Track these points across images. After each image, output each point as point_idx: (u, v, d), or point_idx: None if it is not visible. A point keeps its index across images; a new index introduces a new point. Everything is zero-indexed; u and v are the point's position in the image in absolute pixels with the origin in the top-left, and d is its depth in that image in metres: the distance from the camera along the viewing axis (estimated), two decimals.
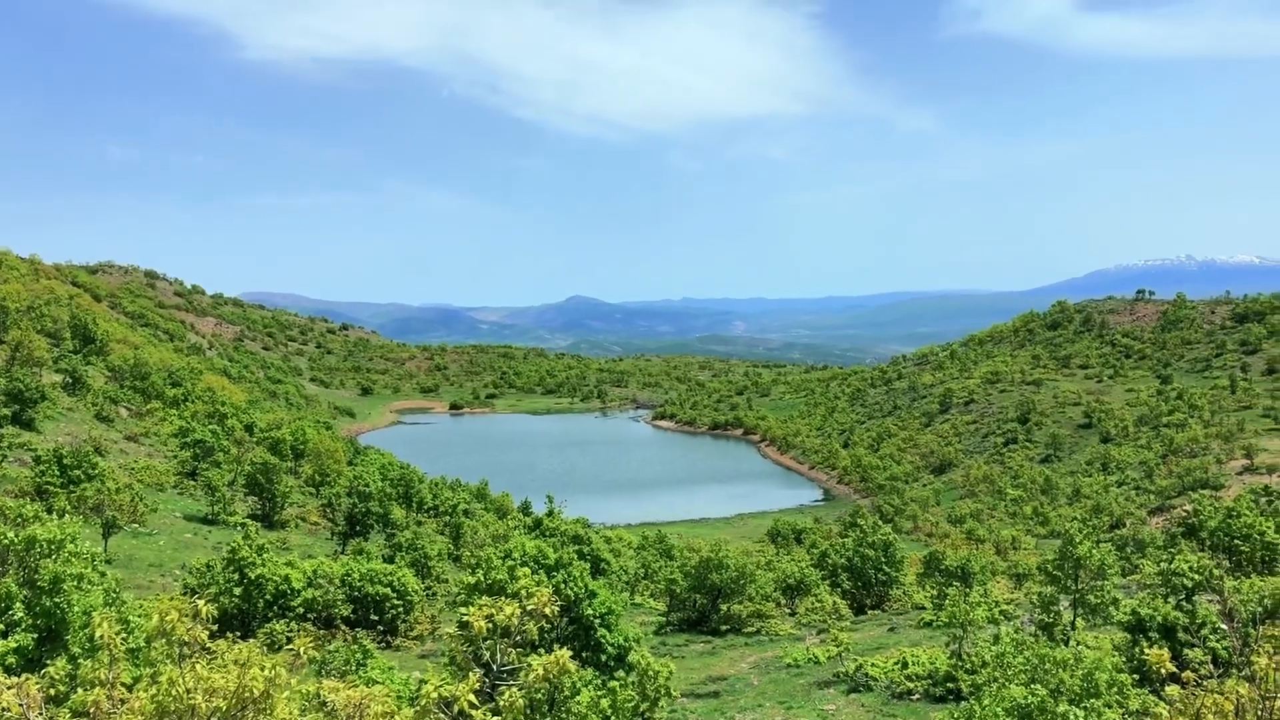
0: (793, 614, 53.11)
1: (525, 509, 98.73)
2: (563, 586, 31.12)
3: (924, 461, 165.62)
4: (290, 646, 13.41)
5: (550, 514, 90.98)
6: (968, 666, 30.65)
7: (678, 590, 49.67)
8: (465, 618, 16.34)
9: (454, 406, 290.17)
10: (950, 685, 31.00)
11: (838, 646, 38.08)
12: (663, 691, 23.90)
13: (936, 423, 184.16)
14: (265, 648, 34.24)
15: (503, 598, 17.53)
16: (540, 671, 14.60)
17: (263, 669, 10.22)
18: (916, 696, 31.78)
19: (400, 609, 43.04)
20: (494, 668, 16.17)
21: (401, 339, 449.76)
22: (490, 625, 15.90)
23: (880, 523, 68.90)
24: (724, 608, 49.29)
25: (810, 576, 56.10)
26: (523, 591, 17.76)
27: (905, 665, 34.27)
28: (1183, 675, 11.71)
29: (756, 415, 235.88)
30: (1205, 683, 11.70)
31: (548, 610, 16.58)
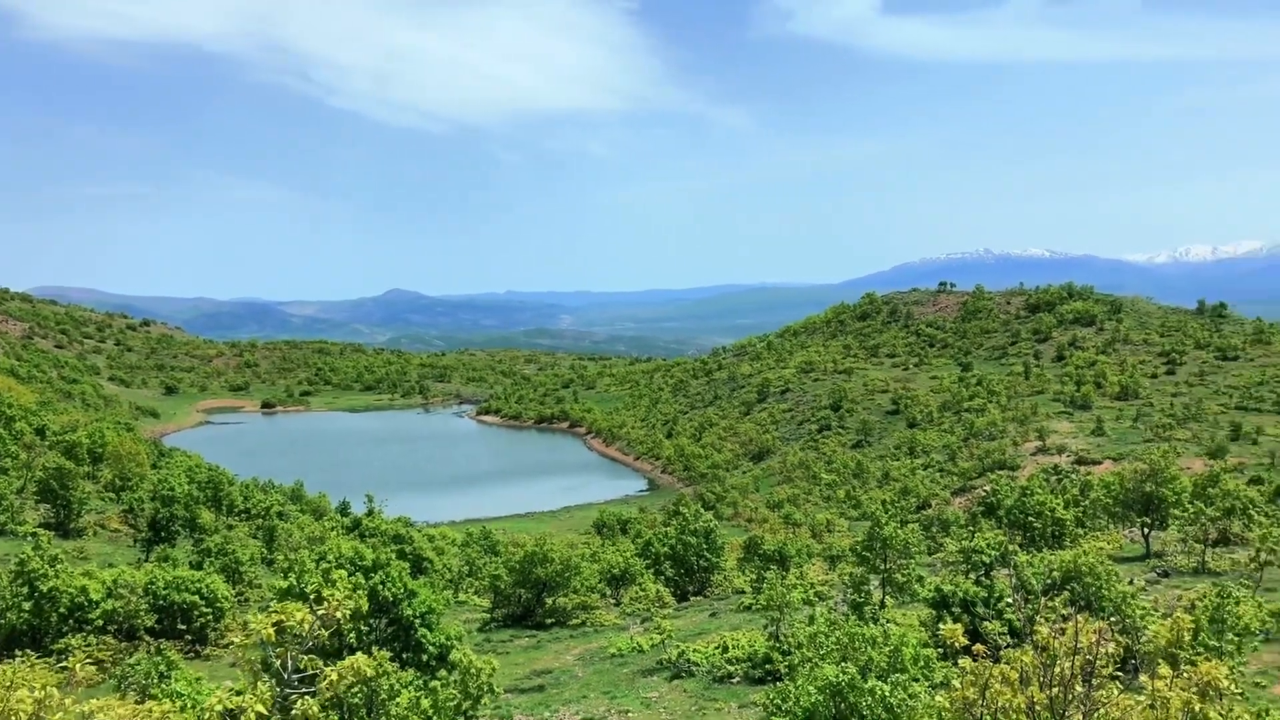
0: (618, 604, 53.50)
1: (344, 510, 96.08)
2: (381, 588, 30.38)
3: (744, 449, 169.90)
4: (66, 664, 12.50)
5: (370, 514, 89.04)
6: (784, 648, 31.53)
7: (502, 586, 49.32)
8: (251, 625, 15.65)
9: (266, 405, 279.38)
10: (768, 667, 31.84)
11: (661, 634, 38.61)
12: (485, 688, 23.63)
13: (755, 411, 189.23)
14: (61, 665, 32.08)
15: (291, 602, 16.90)
16: (335, 677, 14.09)
17: (32, 690, 9.44)
18: (736, 679, 32.51)
19: (210, 617, 41.09)
20: (285, 676, 15.46)
21: (209, 335, 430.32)
22: (279, 632, 15.24)
23: (702, 510, 70.18)
24: (549, 601, 49.24)
25: (635, 566, 56.65)
26: (314, 595, 17.16)
27: (726, 649, 35.00)
28: (974, 648, 12.29)
29: (582, 408, 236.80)
30: (1002, 653, 12.32)
31: (339, 614, 16.02)
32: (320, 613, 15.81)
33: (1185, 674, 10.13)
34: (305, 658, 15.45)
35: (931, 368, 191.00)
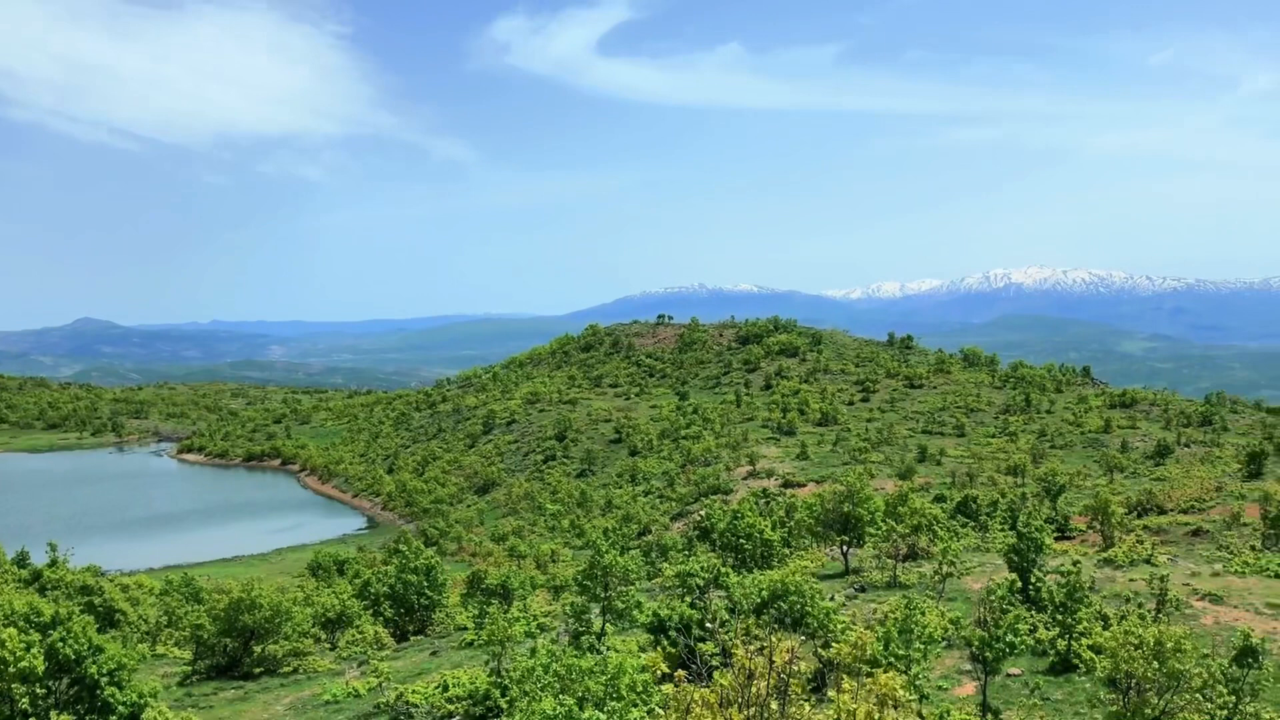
0: (333, 648, 51.35)
1: (21, 560, 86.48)
2: (61, 645, 27.65)
3: (468, 482, 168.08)
4: None
5: (53, 564, 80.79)
6: (505, 683, 31.19)
7: (205, 635, 46.07)
8: None
9: None
10: (489, 704, 31.39)
11: (378, 677, 37.27)
12: None
13: (480, 443, 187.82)
14: None
15: None
16: None
17: None
18: (457, 718, 31.85)
19: None
20: None
21: None
22: None
23: (423, 547, 68.66)
24: (258, 649, 46.48)
25: (352, 608, 54.58)
26: None
27: (446, 688, 34.25)
28: (676, 674, 12.55)
29: (296, 444, 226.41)
30: (719, 671, 12.62)
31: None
32: None
33: (866, 686, 10.80)
34: None
35: (651, 397, 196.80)
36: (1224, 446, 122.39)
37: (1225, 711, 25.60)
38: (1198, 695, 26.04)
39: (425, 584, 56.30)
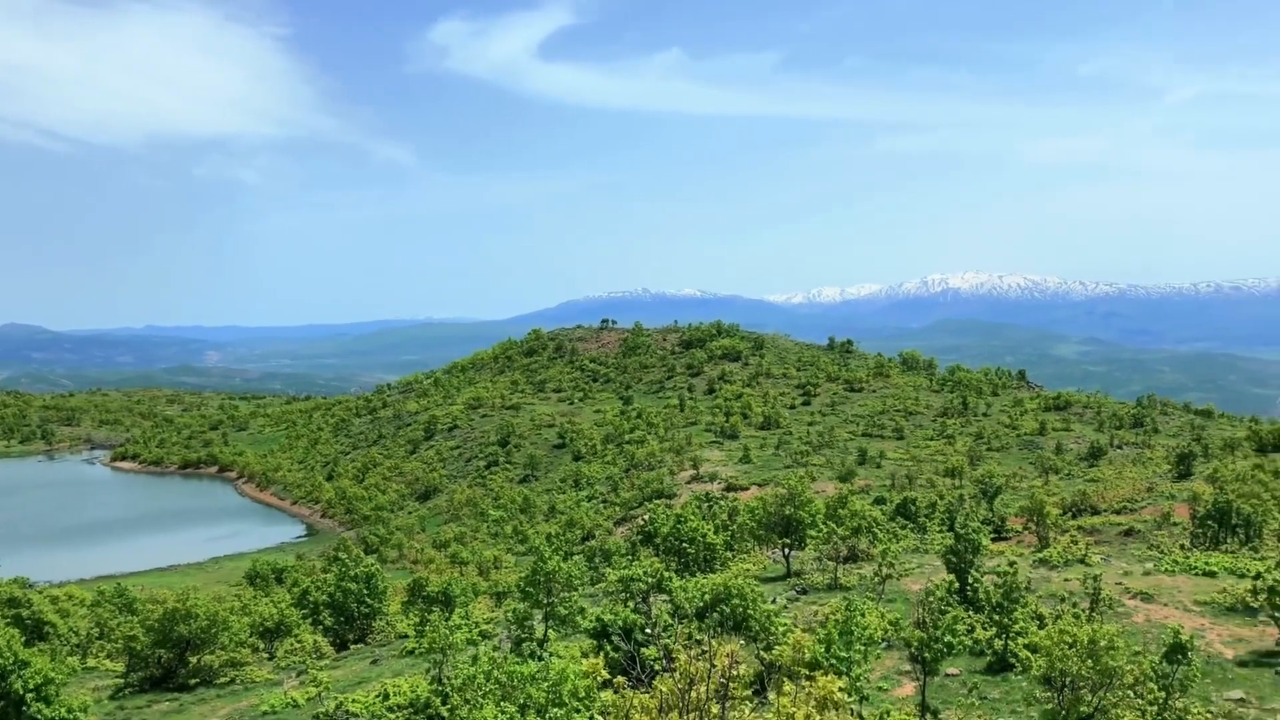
0: (272, 658, 50.61)
1: None
2: None
3: (410, 489, 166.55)
4: None
5: None
6: (446, 691, 30.93)
7: (138, 647, 45.09)
8: None
9: None
10: (430, 712, 31.08)
11: (318, 686, 36.81)
12: None
13: (422, 449, 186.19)
14: None
15: None
16: None
17: None
18: None
19: None
20: None
21: None
22: None
23: (364, 555, 68.02)
24: (193, 660, 45.62)
25: (291, 617, 53.82)
26: None
27: (387, 697, 33.87)
28: (616, 680, 12.54)
29: (233, 451, 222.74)
30: (660, 677, 12.62)
31: None
32: None
33: (806, 689, 10.89)
34: None
35: (595, 402, 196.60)
36: (1155, 448, 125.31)
37: (1156, 707, 26.18)
38: (1129, 692, 26.61)
39: (365, 592, 55.69)
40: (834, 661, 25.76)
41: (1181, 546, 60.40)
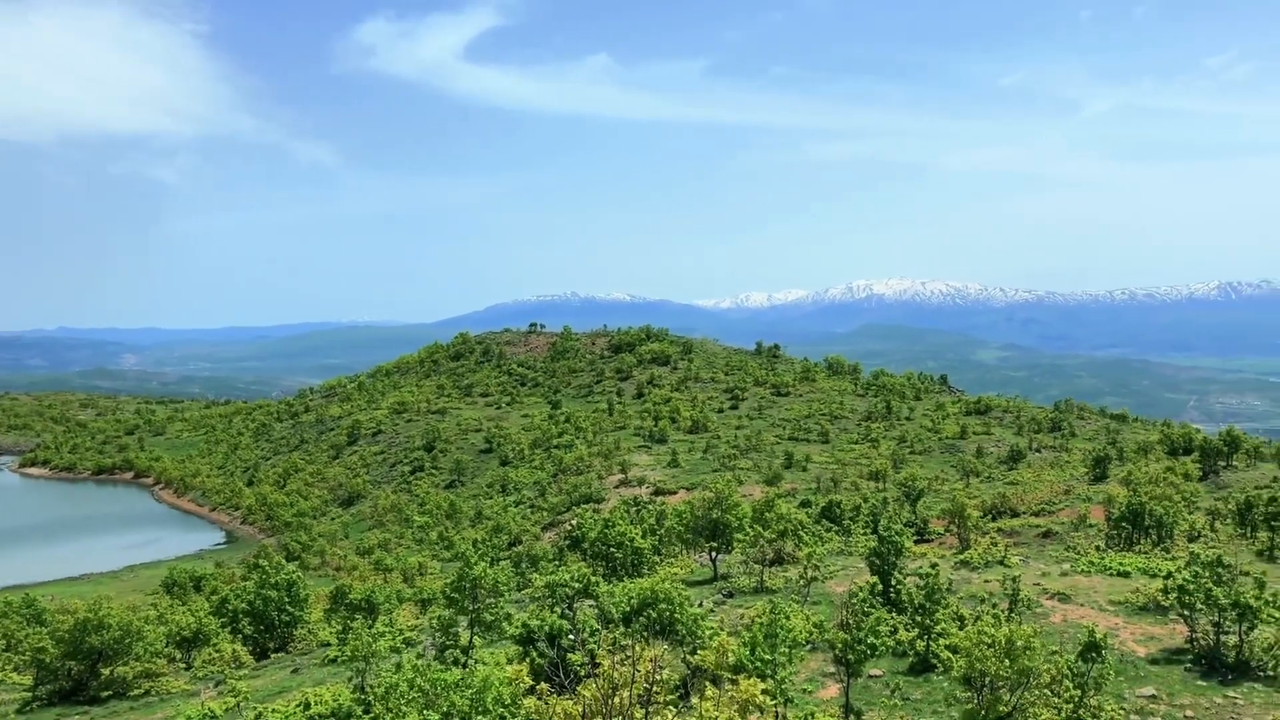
0: (189, 668, 49.43)
1: None
2: None
3: (333, 495, 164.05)
4: None
5: None
6: (369, 699, 30.43)
7: (47, 659, 43.74)
8: None
9: None
10: None
11: (236, 697, 36.02)
12: None
13: (345, 455, 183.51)
14: None
15: None
16: None
17: None
18: None
19: None
20: None
21: None
22: None
23: (285, 562, 66.75)
24: (106, 672, 44.38)
25: (209, 626, 52.61)
26: None
27: (308, 706, 33.17)
28: (539, 687, 12.41)
29: (150, 456, 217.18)
30: (584, 683, 12.51)
31: None
32: None
33: (729, 693, 10.88)
34: None
35: (523, 406, 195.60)
36: (1072, 451, 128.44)
37: (1071, 705, 26.75)
38: (1046, 691, 27.18)
39: (286, 599, 54.65)
40: (759, 664, 25.87)
41: (1097, 547, 61.93)
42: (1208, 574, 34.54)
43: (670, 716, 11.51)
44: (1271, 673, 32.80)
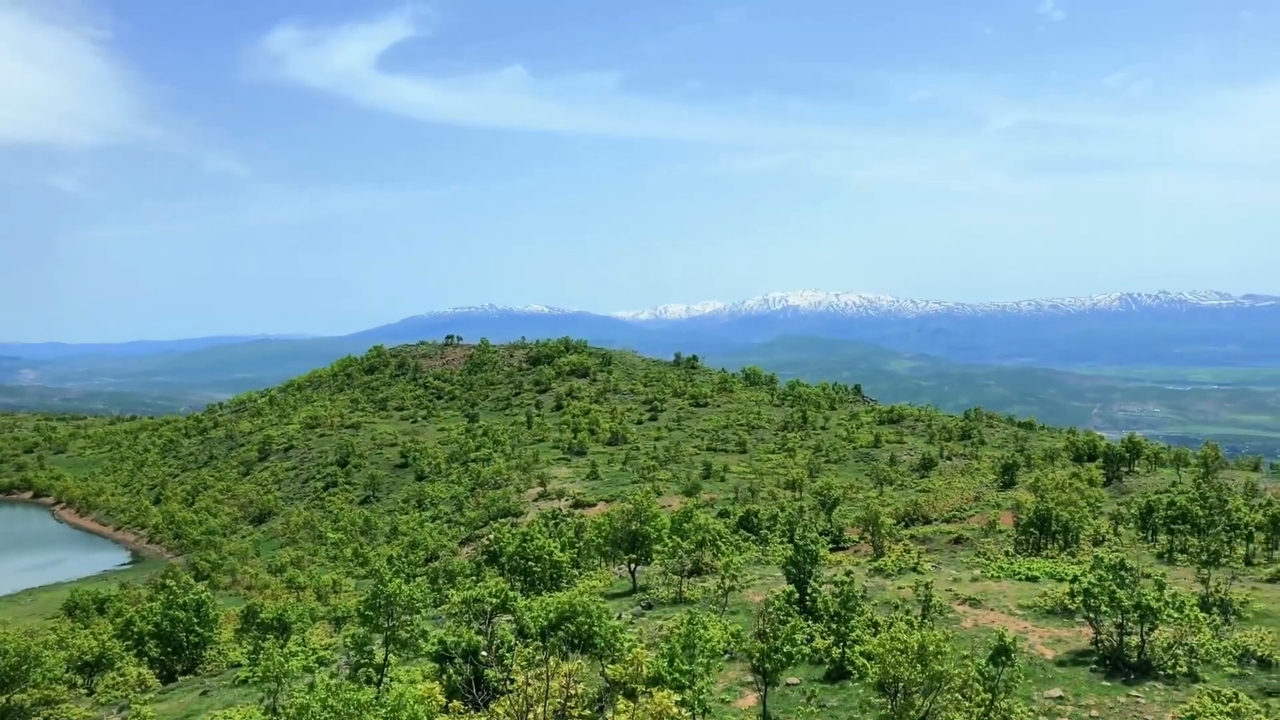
0: (91, 693, 47.74)
1: None
2: None
3: (243, 512, 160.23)
4: None
5: None
6: None
7: None
8: None
9: None
10: None
11: None
12: None
13: (256, 471, 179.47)
14: None
15: None
16: None
17: None
18: None
19: None
20: None
21: None
22: None
23: (194, 581, 65.04)
24: (2, 700, 42.59)
25: (113, 649, 51.03)
26: None
27: None
28: (451, 704, 12.25)
29: (51, 475, 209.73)
30: (498, 699, 12.33)
31: None
32: None
33: (643, 705, 10.85)
34: None
35: (440, 420, 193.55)
36: (981, 459, 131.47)
37: (982, 709, 27.31)
38: (958, 695, 27.72)
39: (195, 620, 53.16)
40: (677, 676, 25.91)
41: (1006, 553, 63.43)
42: (1111, 577, 35.64)
43: None
44: (1171, 671, 33.94)
